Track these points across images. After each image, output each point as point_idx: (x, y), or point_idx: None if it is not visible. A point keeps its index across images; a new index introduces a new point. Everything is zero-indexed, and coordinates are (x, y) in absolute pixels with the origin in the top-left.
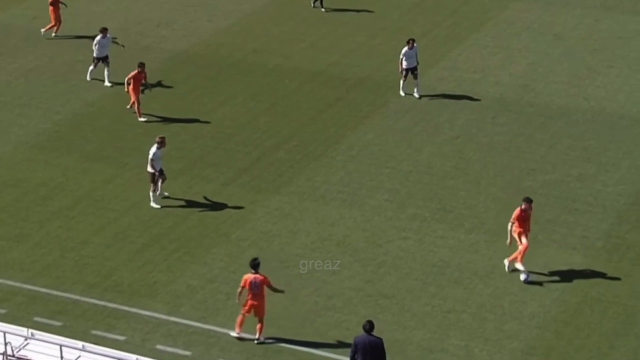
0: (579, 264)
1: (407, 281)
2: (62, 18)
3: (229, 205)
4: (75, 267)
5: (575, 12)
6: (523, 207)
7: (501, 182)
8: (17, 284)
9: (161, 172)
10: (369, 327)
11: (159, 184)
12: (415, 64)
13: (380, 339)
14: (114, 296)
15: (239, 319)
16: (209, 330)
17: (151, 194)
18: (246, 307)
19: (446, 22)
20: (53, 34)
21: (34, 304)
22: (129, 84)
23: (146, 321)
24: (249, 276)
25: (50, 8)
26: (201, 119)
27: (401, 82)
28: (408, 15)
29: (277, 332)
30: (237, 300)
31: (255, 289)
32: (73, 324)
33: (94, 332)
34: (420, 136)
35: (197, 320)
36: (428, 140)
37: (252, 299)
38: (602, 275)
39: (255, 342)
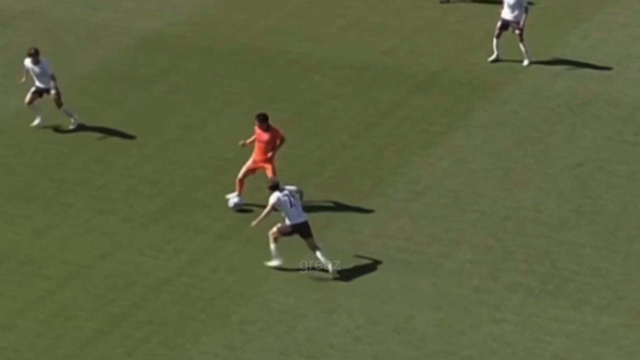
0: None
1: None
2: None
3: (229, 267)
4: None
5: None
6: None
7: None
8: None
9: None
10: None
11: None
12: (517, 14)
13: None
14: None
15: None
16: None
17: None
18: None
19: None
20: None
21: None
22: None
23: None
24: None
25: None
26: (185, 137)
27: (494, 40)
28: None
29: None
30: None
31: None
32: None
33: None
34: (522, 163)
35: None
36: (535, 169)
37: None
38: None
39: None
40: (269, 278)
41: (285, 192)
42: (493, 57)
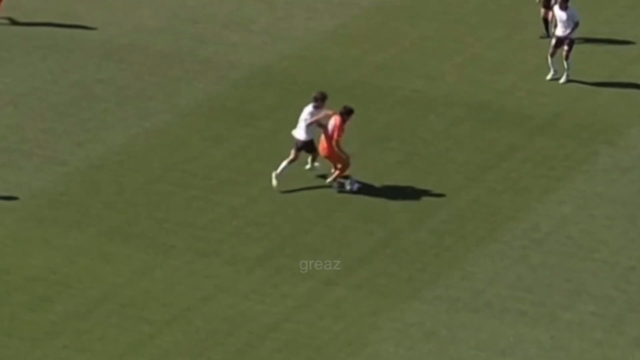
0: None
1: None
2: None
3: (336, 314)
4: None
5: None
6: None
7: None
8: None
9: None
10: None
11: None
12: (568, 31)
13: None
14: None
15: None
16: None
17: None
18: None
19: None
20: None
21: None
22: None
23: None
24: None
25: None
26: (293, 177)
27: (549, 59)
28: (627, 16)
29: None
30: None
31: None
32: None
33: None
34: None
35: None
36: None
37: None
38: None
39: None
40: (378, 326)
41: (312, 106)
42: (550, 75)
